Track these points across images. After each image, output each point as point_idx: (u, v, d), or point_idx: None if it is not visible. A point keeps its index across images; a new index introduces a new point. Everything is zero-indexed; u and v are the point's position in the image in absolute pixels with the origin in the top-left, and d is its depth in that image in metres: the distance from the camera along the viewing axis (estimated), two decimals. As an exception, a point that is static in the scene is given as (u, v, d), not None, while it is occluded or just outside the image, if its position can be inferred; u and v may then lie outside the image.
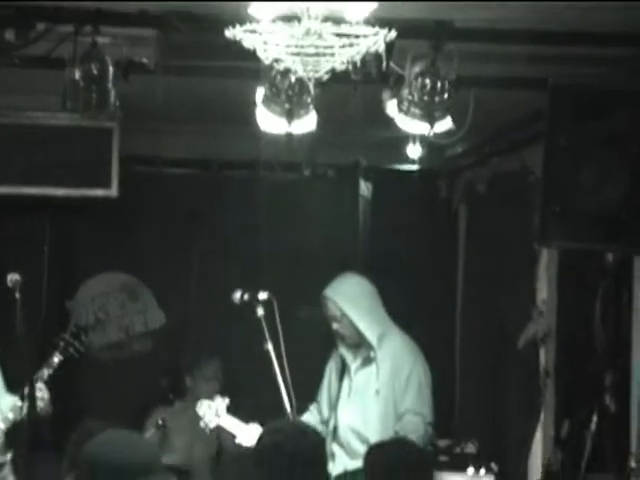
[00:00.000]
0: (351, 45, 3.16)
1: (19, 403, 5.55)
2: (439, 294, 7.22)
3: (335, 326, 5.75)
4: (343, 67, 3.21)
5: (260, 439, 3.70)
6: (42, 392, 5.67)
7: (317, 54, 3.17)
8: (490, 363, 6.76)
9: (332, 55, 3.16)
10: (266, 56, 3.18)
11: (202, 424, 5.63)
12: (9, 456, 5.77)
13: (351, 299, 5.73)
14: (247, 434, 5.56)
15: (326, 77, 3.26)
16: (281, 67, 3.19)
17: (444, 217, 7.28)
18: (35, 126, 6.37)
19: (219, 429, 5.71)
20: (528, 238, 5.86)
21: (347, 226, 7.17)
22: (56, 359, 5.81)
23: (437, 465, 5.64)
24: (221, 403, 5.62)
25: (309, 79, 3.18)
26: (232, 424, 5.59)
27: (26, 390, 5.45)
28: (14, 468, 5.74)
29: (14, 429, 5.64)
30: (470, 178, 7.07)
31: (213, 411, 5.60)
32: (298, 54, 3.17)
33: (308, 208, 7.05)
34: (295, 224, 7.02)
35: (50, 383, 5.72)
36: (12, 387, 5.75)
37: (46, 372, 5.75)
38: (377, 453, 4.27)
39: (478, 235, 7.04)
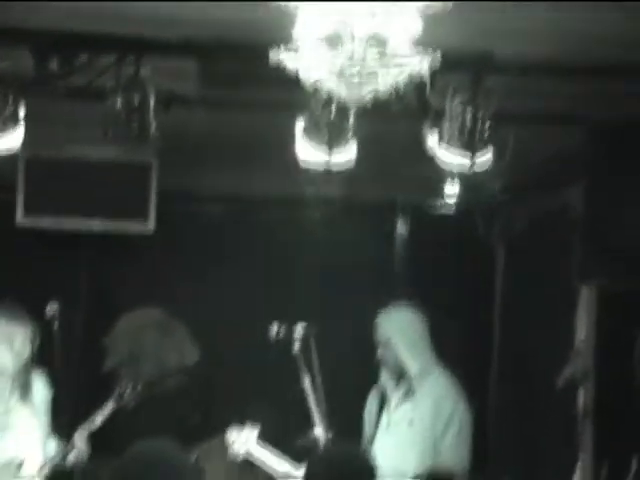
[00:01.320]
0: (395, 67, 3.15)
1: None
2: (475, 333, 7.16)
3: (380, 351, 5.75)
4: (387, 89, 3.20)
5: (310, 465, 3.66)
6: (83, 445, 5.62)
7: (360, 76, 3.16)
8: (525, 403, 6.68)
9: (376, 77, 3.15)
10: (308, 78, 3.18)
11: (231, 451, 5.57)
12: None
13: (398, 327, 5.74)
14: (277, 464, 5.50)
15: (369, 98, 3.25)
16: (324, 89, 3.18)
17: (481, 255, 7.23)
18: (74, 159, 6.42)
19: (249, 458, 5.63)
20: (567, 277, 5.82)
21: (383, 264, 7.14)
22: (109, 407, 5.74)
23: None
24: (251, 431, 5.56)
25: (352, 101, 3.17)
26: (261, 453, 5.52)
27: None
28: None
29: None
30: (508, 216, 7.03)
31: (242, 439, 5.54)
32: (341, 76, 3.16)
33: (344, 245, 7.04)
34: (330, 260, 7.01)
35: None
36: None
37: (99, 419, 5.67)
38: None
39: (515, 274, 6.99)
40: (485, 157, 4.89)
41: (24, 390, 5.64)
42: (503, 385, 7.06)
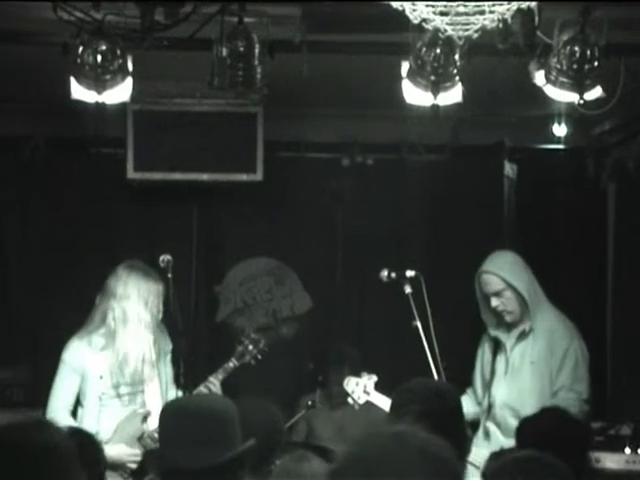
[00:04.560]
0: (502, 2, 3.10)
1: None
2: (588, 274, 7.05)
3: (495, 302, 5.68)
4: (493, 25, 3.15)
5: (393, 399, 3.67)
6: (215, 388, 5.67)
7: (467, 13, 3.12)
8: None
9: (482, 13, 3.11)
10: (415, 16, 3.15)
11: (350, 400, 5.59)
12: None
13: (514, 271, 5.69)
14: None
15: (476, 35, 3.20)
16: (430, 27, 3.15)
17: (592, 197, 7.10)
18: (182, 113, 6.45)
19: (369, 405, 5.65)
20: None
21: (492, 207, 7.06)
22: (232, 364, 5.77)
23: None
24: (369, 380, 5.58)
25: (459, 38, 3.12)
26: (382, 401, 5.53)
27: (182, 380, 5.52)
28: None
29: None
30: (619, 155, 6.87)
31: (361, 387, 5.56)
32: (447, 14, 3.12)
33: (452, 189, 6.98)
34: (439, 205, 6.96)
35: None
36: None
37: (221, 376, 5.72)
38: (529, 425, 4.18)
39: (629, 214, 6.85)
40: (595, 91, 4.79)
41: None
42: (620, 325, 6.95)
